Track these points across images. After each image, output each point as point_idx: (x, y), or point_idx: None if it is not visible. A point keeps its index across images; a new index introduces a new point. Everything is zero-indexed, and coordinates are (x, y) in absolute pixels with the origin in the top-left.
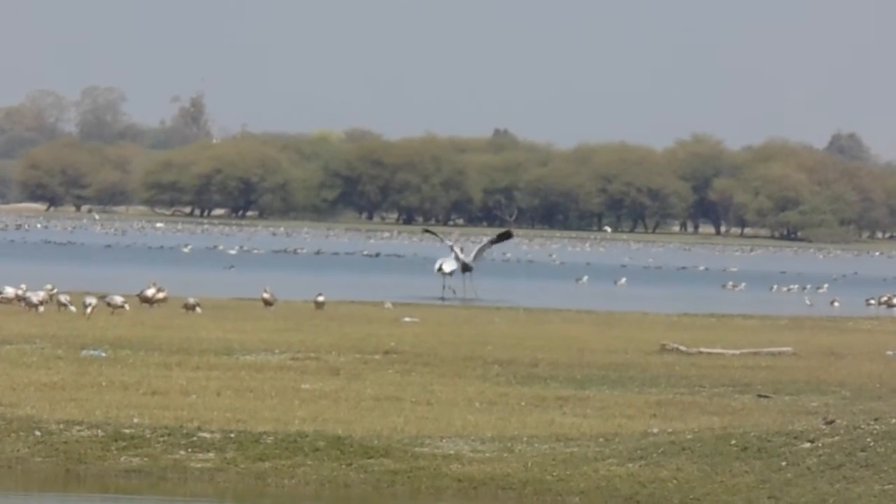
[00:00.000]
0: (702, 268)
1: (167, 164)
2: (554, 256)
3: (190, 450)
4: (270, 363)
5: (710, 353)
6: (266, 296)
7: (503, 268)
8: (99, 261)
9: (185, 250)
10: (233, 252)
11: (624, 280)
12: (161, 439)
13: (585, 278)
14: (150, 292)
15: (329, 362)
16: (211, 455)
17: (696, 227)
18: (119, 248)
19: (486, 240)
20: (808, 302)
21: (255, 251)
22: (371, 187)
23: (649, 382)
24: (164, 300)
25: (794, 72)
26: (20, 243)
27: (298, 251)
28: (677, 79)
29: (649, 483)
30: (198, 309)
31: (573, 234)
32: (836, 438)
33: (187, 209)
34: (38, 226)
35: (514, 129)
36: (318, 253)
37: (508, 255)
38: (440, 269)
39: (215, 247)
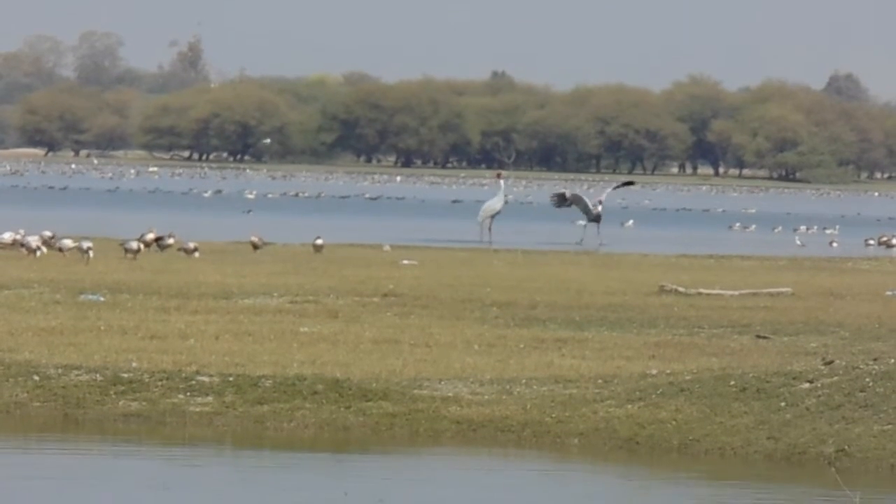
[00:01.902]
0: (720, 210)
1: (165, 109)
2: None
3: (188, 394)
4: (269, 306)
5: (708, 294)
6: (254, 239)
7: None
8: (113, 206)
9: (206, 195)
10: (251, 196)
11: (631, 222)
12: (159, 383)
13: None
14: (149, 237)
15: (327, 305)
16: (209, 399)
17: (695, 169)
18: (123, 193)
19: (608, 189)
20: (798, 242)
21: (270, 195)
22: (369, 130)
23: (648, 324)
24: (170, 246)
25: (791, 12)
26: (21, 188)
27: (301, 195)
28: (674, 19)
29: (648, 424)
30: (196, 253)
31: (571, 175)
32: (835, 379)
33: (185, 153)
34: (37, 171)
35: (512, 72)
36: (318, 196)
37: (510, 197)
38: (491, 212)
39: (220, 191)
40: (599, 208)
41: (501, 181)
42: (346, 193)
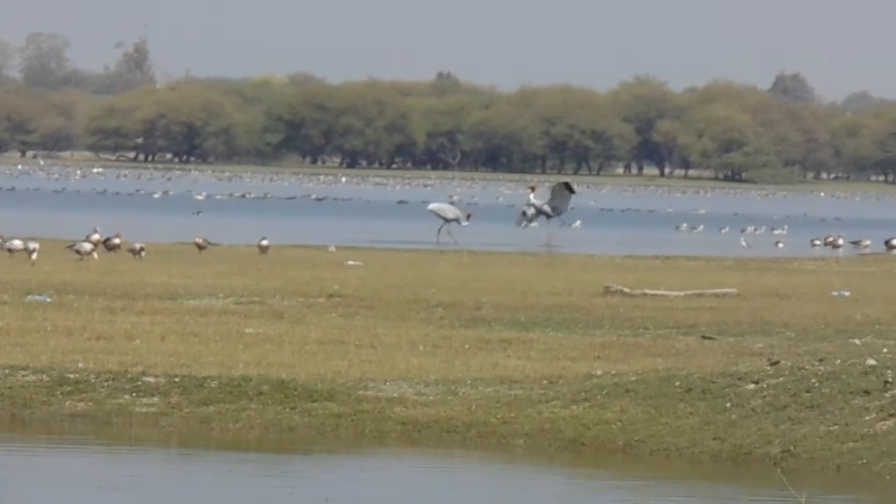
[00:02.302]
0: (670, 210)
1: (111, 110)
2: (500, 199)
3: (134, 394)
4: (214, 307)
5: (654, 295)
6: (199, 241)
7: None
8: (61, 207)
9: (156, 196)
10: (200, 198)
11: (578, 223)
12: (106, 384)
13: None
14: (94, 237)
15: (273, 306)
16: (155, 399)
17: (641, 169)
18: (71, 194)
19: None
20: (744, 244)
21: (219, 196)
22: (314, 131)
23: (593, 324)
24: (118, 246)
25: (737, 12)
26: None
27: (247, 196)
28: (620, 19)
29: (593, 425)
30: (143, 254)
31: (517, 176)
32: (781, 379)
33: (131, 154)
34: None
35: (457, 73)
36: (265, 197)
37: (455, 197)
38: (441, 213)
39: (166, 192)
40: (545, 206)
41: (468, 222)
42: (293, 194)
